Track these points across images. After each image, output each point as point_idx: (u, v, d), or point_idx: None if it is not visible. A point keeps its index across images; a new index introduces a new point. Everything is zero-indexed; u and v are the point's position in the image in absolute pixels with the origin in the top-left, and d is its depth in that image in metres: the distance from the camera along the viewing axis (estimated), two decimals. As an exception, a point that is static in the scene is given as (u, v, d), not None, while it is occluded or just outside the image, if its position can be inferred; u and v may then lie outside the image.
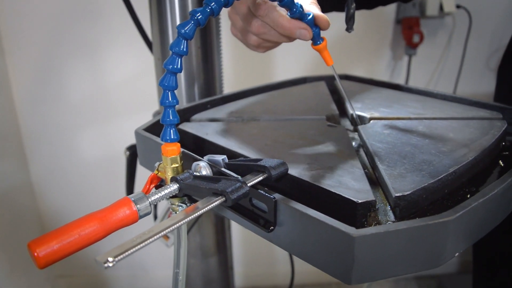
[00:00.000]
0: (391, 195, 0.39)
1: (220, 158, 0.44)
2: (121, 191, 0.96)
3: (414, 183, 0.40)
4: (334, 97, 0.72)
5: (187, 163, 0.46)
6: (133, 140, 0.87)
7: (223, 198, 0.36)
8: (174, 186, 0.41)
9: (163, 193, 0.40)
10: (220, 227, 0.95)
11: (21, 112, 1.55)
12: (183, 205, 0.45)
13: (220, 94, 0.81)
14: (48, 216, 1.72)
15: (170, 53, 0.41)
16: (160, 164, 0.46)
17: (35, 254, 0.32)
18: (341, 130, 0.56)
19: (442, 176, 0.42)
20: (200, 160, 0.45)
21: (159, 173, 0.46)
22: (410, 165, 0.44)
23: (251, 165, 0.42)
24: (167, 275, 1.82)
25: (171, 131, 0.42)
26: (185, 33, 0.40)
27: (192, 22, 0.41)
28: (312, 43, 0.53)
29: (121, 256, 0.30)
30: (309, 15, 0.50)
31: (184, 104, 0.77)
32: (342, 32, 0.56)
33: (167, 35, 0.76)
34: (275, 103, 0.70)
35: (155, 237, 0.32)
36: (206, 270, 0.97)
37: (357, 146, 0.56)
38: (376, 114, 0.60)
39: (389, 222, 0.39)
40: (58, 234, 0.34)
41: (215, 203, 0.36)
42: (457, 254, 0.38)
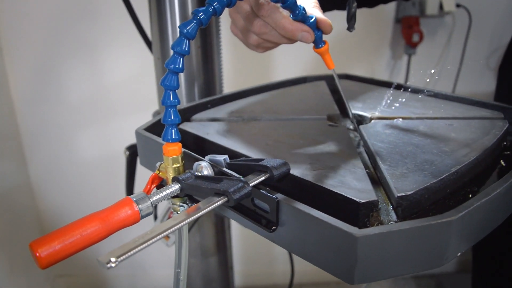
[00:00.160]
0: (394, 195, 0.39)
1: (221, 158, 0.44)
2: (121, 191, 0.96)
3: (416, 183, 0.40)
4: (335, 97, 0.72)
5: (188, 163, 0.45)
6: (132, 140, 0.86)
7: (225, 198, 0.36)
8: (176, 186, 0.41)
9: (164, 193, 0.40)
10: (220, 227, 0.94)
11: (20, 112, 1.55)
12: (185, 205, 0.45)
13: (220, 94, 0.81)
14: (47, 216, 1.72)
15: (171, 52, 0.41)
16: (161, 164, 0.45)
17: (37, 255, 0.32)
18: (342, 130, 0.56)
19: (444, 176, 0.42)
20: (201, 160, 0.45)
21: (160, 173, 0.46)
22: (412, 165, 0.44)
23: (253, 165, 0.41)
24: (167, 274, 1.82)
25: (173, 131, 0.42)
26: (187, 32, 0.40)
27: (194, 21, 0.41)
28: (314, 46, 0.53)
29: (124, 257, 0.30)
30: (311, 18, 0.49)
31: (184, 104, 0.77)
32: (341, 31, 0.56)
33: (166, 34, 0.75)
34: (276, 102, 0.70)
35: (157, 238, 0.32)
36: (206, 269, 0.97)
37: (358, 146, 0.56)
38: (377, 114, 0.60)
39: (391, 222, 0.39)
40: (60, 234, 0.34)
41: (218, 203, 0.36)
42: (459, 254, 0.38)
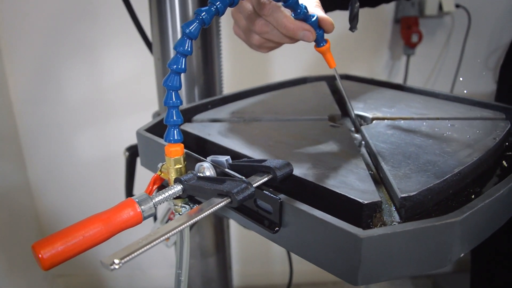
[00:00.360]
0: (397, 196, 0.39)
1: (223, 158, 0.44)
2: (120, 191, 0.96)
3: (419, 184, 0.40)
4: (336, 97, 0.72)
5: (190, 164, 0.45)
6: (131, 141, 0.86)
7: (229, 199, 0.36)
8: (178, 187, 0.41)
9: (167, 194, 0.40)
10: (219, 228, 0.94)
11: (19, 112, 1.55)
12: (186, 206, 0.45)
13: (220, 95, 0.81)
14: (46, 216, 1.71)
15: (171, 53, 0.40)
16: (163, 165, 0.45)
17: (40, 256, 0.32)
18: (344, 130, 0.56)
19: (447, 176, 0.42)
20: (203, 161, 0.44)
21: (162, 174, 0.46)
22: (414, 166, 0.44)
23: (256, 165, 0.41)
24: (165, 274, 1.82)
25: (175, 131, 0.42)
26: (189, 32, 0.40)
27: (197, 21, 0.40)
28: (315, 45, 0.53)
29: (127, 258, 0.30)
30: (313, 17, 0.49)
31: (184, 104, 0.77)
32: (340, 32, 0.56)
33: (167, 35, 0.75)
34: (276, 103, 0.70)
35: (161, 239, 0.32)
36: (205, 270, 0.97)
37: (360, 146, 0.56)
38: (378, 114, 0.60)
39: (395, 222, 0.39)
40: (63, 236, 0.34)
41: (221, 204, 0.36)
42: (462, 255, 0.38)
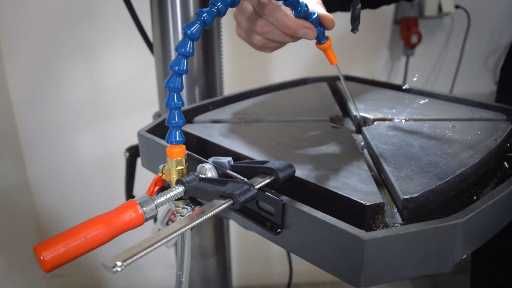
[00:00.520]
0: (399, 198, 0.39)
1: (225, 160, 0.44)
2: (119, 191, 0.96)
3: (421, 185, 0.40)
4: (336, 98, 0.72)
5: (191, 165, 0.45)
6: (131, 141, 0.86)
7: (231, 201, 0.36)
8: (180, 189, 0.41)
9: (168, 195, 0.40)
10: (219, 228, 0.94)
11: (19, 112, 1.54)
12: (188, 207, 0.45)
13: (221, 95, 0.81)
14: (45, 216, 1.71)
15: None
16: (164, 166, 0.45)
17: (41, 258, 0.32)
18: (346, 131, 0.56)
19: (449, 178, 0.42)
20: (205, 162, 0.44)
21: (164, 175, 0.45)
22: (416, 167, 0.44)
23: (258, 167, 0.41)
24: (163, 274, 1.82)
25: (177, 133, 0.42)
26: (191, 33, 0.40)
27: (198, 22, 0.40)
28: (317, 42, 0.53)
29: (130, 260, 0.30)
30: (314, 14, 0.49)
31: (185, 105, 0.77)
32: (340, 32, 0.56)
33: (168, 36, 0.75)
34: (277, 104, 0.70)
35: (163, 241, 0.32)
36: (205, 270, 0.97)
37: (362, 147, 0.56)
38: (379, 115, 0.60)
39: (397, 224, 0.39)
40: (64, 238, 0.34)
41: (223, 206, 0.36)
42: (464, 256, 0.38)
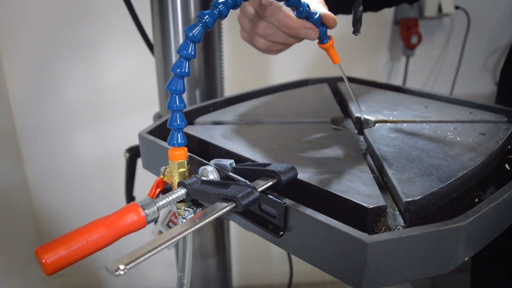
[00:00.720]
0: (401, 200, 0.39)
1: (227, 162, 0.44)
2: (118, 191, 0.95)
3: (423, 188, 0.40)
4: (337, 99, 0.72)
5: (192, 167, 0.45)
6: (129, 141, 0.86)
7: (234, 204, 0.36)
8: (182, 191, 0.40)
9: (170, 198, 0.40)
10: (219, 229, 0.94)
11: (17, 112, 1.54)
12: (190, 209, 0.45)
13: (222, 97, 0.81)
14: (43, 216, 1.71)
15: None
16: (166, 168, 0.45)
17: (43, 261, 0.32)
18: (347, 133, 0.56)
19: (451, 180, 0.42)
20: (207, 165, 0.44)
21: (165, 177, 0.45)
22: (418, 170, 0.44)
23: (260, 169, 0.41)
24: (163, 274, 1.82)
25: (179, 135, 0.42)
26: (193, 36, 0.40)
27: (200, 24, 0.40)
28: (319, 42, 0.53)
29: (133, 264, 0.30)
30: (315, 14, 0.49)
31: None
32: (340, 33, 0.55)
33: (169, 36, 0.75)
34: (279, 105, 0.69)
35: (166, 244, 0.32)
36: (205, 271, 0.97)
37: (364, 149, 0.56)
38: (381, 117, 0.60)
39: (399, 227, 0.39)
40: (66, 240, 0.33)
41: (226, 209, 0.35)
42: (467, 258, 0.38)
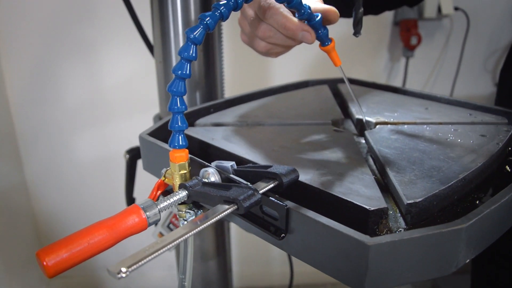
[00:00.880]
0: (403, 202, 0.39)
1: (228, 164, 0.44)
2: (118, 192, 0.95)
3: (425, 190, 0.40)
4: (338, 101, 0.72)
5: (193, 169, 0.45)
6: (129, 142, 0.86)
7: (235, 206, 0.36)
8: (183, 193, 0.40)
9: (172, 200, 0.40)
10: (220, 230, 0.94)
11: (16, 112, 1.54)
12: (191, 211, 0.45)
13: (222, 98, 0.81)
14: (43, 218, 1.71)
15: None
16: (167, 170, 0.45)
17: (44, 263, 0.32)
18: (348, 135, 0.56)
19: (452, 182, 0.42)
20: (208, 167, 0.44)
21: (166, 179, 0.45)
22: (419, 171, 0.44)
23: (261, 171, 0.41)
24: (163, 275, 1.82)
25: (180, 137, 0.42)
26: (194, 38, 0.40)
27: (201, 26, 0.40)
28: (320, 44, 0.52)
29: (135, 266, 0.30)
30: (317, 17, 0.48)
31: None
32: (340, 33, 0.55)
33: (169, 38, 0.75)
34: (279, 107, 0.69)
35: (167, 247, 0.32)
36: (205, 272, 0.97)
37: (365, 151, 0.56)
38: (381, 119, 0.60)
39: (400, 229, 0.39)
40: (67, 243, 0.33)
41: (228, 211, 0.35)
42: (468, 260, 0.38)
